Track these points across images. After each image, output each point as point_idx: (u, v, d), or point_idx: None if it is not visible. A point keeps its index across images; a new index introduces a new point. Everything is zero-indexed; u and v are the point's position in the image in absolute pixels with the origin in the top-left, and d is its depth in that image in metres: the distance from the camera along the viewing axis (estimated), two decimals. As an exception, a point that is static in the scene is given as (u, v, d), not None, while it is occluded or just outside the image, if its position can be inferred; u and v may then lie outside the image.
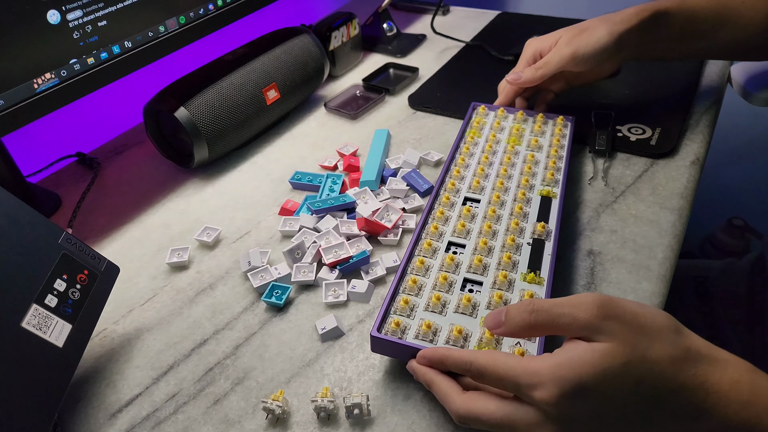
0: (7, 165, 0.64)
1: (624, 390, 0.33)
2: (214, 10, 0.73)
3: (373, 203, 0.60)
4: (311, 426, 0.42)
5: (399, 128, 0.76)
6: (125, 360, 0.49)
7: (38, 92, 0.56)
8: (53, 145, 0.79)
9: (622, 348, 0.33)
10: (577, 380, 0.32)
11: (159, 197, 0.68)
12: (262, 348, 0.48)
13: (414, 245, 0.50)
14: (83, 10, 0.57)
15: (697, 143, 0.67)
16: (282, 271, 0.54)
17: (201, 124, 0.65)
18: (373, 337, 0.42)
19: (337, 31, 0.86)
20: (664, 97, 0.74)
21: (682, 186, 0.61)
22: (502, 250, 0.50)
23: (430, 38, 1.00)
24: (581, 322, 0.34)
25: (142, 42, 0.64)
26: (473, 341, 0.42)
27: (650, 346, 0.33)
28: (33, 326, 0.39)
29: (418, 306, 0.45)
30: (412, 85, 0.85)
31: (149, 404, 0.45)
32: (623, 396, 0.33)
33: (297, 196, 0.66)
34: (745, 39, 0.63)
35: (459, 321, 0.44)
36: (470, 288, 0.47)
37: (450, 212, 0.54)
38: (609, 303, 0.34)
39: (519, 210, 0.53)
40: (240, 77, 0.70)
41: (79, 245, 0.45)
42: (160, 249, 0.60)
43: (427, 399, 0.43)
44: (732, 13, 0.62)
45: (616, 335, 0.33)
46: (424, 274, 0.48)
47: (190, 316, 0.52)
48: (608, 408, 0.33)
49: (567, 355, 0.33)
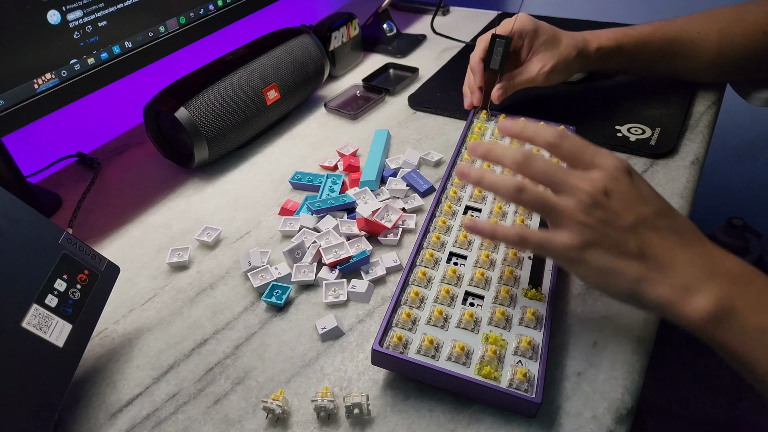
0: (7, 165, 0.64)
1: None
2: (214, 11, 0.73)
3: (373, 203, 0.60)
4: (311, 426, 0.42)
5: (399, 128, 0.76)
6: (125, 360, 0.49)
7: (39, 92, 0.56)
8: (53, 145, 0.79)
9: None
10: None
11: (159, 197, 0.68)
12: (262, 348, 0.49)
13: (415, 255, 0.50)
14: (83, 11, 0.57)
15: (696, 143, 0.67)
16: (282, 271, 0.54)
17: (201, 124, 0.65)
18: (374, 351, 0.42)
19: (337, 32, 0.86)
20: (664, 97, 0.74)
21: (681, 186, 0.61)
22: (504, 263, 0.50)
23: (430, 38, 1.00)
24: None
25: (142, 42, 0.65)
26: (476, 358, 0.42)
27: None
28: (33, 326, 0.39)
29: (419, 319, 0.45)
30: (412, 86, 0.85)
31: (149, 404, 0.45)
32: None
33: (297, 196, 0.66)
34: (697, 65, 0.71)
35: (461, 337, 0.44)
36: (471, 301, 0.47)
37: (451, 221, 0.54)
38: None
39: (521, 222, 0.53)
40: (240, 77, 0.70)
41: (79, 245, 0.45)
42: (161, 249, 0.60)
43: (427, 399, 0.43)
44: (687, 44, 0.69)
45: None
46: (426, 286, 0.48)
47: (191, 316, 0.52)
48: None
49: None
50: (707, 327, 0.38)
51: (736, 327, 0.37)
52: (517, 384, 0.40)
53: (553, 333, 0.47)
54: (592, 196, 0.39)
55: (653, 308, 0.40)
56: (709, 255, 0.40)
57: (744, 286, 0.39)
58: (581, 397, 0.42)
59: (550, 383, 0.43)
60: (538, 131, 0.43)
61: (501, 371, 0.41)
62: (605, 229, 0.39)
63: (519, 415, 0.41)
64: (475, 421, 0.41)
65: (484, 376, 0.41)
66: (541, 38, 0.67)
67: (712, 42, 0.68)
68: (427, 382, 0.43)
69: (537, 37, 0.67)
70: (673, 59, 0.70)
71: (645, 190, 0.42)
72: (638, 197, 0.40)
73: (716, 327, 0.38)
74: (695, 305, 0.38)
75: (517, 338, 0.43)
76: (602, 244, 0.39)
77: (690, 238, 0.41)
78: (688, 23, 0.70)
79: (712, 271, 0.39)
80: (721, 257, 0.40)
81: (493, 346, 0.43)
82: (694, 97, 0.75)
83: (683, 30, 0.69)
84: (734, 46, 0.68)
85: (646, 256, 0.39)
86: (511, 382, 0.40)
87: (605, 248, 0.39)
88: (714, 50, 0.69)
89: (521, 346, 0.43)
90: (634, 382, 0.43)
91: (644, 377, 0.44)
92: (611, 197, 0.40)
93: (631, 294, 0.40)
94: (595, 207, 0.39)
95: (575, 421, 0.41)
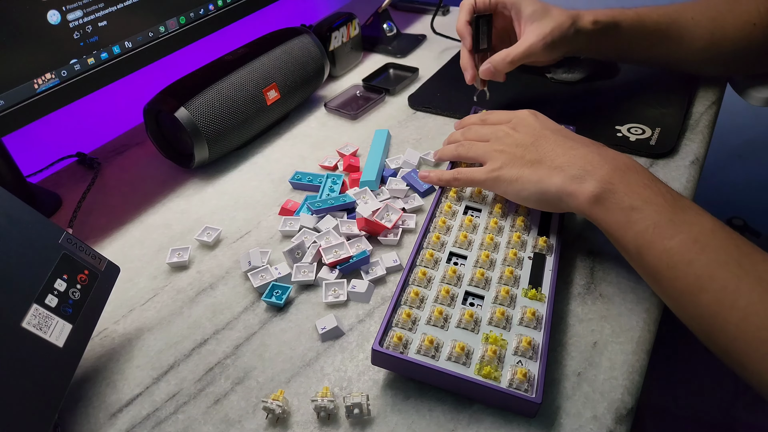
0: (7, 165, 0.64)
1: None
2: (214, 11, 0.73)
3: (373, 203, 0.60)
4: (311, 426, 0.42)
5: (399, 128, 0.76)
6: (126, 360, 0.49)
7: (38, 92, 0.56)
8: (53, 145, 0.79)
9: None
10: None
11: (159, 197, 0.68)
12: (262, 348, 0.49)
13: (416, 255, 0.50)
14: (83, 11, 0.57)
15: (696, 143, 0.67)
16: (282, 271, 0.54)
17: (201, 124, 0.65)
18: (374, 351, 0.42)
19: (337, 32, 0.86)
20: (664, 97, 0.74)
21: (681, 186, 0.61)
22: (504, 263, 0.50)
23: (430, 38, 1.00)
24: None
25: (142, 42, 0.65)
26: (476, 358, 0.42)
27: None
28: (33, 326, 0.39)
29: (419, 319, 0.45)
30: (412, 86, 0.85)
31: (149, 404, 0.45)
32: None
33: (297, 196, 0.66)
34: (689, 53, 0.71)
35: (461, 337, 0.44)
36: (471, 301, 0.47)
37: (451, 221, 0.54)
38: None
39: (521, 222, 0.53)
40: (240, 77, 0.70)
41: (79, 245, 0.45)
42: (161, 249, 0.60)
43: (426, 398, 0.43)
44: (680, 28, 0.69)
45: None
46: (426, 286, 0.48)
47: (191, 316, 0.52)
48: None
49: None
50: (592, 208, 0.46)
51: (610, 205, 0.45)
52: (517, 384, 0.40)
53: (553, 333, 0.47)
54: (504, 131, 0.54)
55: (556, 201, 0.48)
56: (599, 152, 0.48)
57: (623, 173, 0.46)
58: (581, 397, 0.42)
59: (550, 383, 0.43)
60: (470, 117, 0.62)
61: (501, 371, 0.41)
62: (513, 149, 0.52)
63: (519, 415, 0.41)
64: (475, 421, 0.41)
65: (484, 376, 0.41)
66: (527, 9, 0.66)
67: (705, 29, 0.68)
68: (427, 382, 0.43)
69: (522, 9, 0.66)
70: (666, 43, 0.70)
71: (546, 122, 0.55)
72: (539, 125, 0.54)
73: (597, 206, 0.46)
74: (584, 190, 0.46)
75: (517, 338, 0.43)
76: (512, 161, 0.51)
77: (584, 142, 0.50)
78: (682, 8, 0.70)
79: (600, 163, 0.47)
80: (611, 153, 0.48)
81: (493, 346, 0.43)
82: (694, 97, 0.75)
83: (677, 13, 0.69)
84: (725, 35, 0.68)
85: (545, 161, 0.49)
86: (511, 382, 0.40)
87: (513, 163, 0.51)
88: (706, 38, 0.69)
89: (521, 346, 0.43)
90: (634, 382, 0.43)
91: (644, 377, 0.44)
92: (517, 130, 0.54)
93: (539, 194, 0.49)
94: (505, 138, 0.54)
95: (575, 421, 0.41)
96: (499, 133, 0.54)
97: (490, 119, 0.59)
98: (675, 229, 0.42)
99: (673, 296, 0.43)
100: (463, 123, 0.63)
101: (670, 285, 0.43)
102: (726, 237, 0.42)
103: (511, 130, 0.54)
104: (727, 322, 0.39)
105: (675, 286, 0.42)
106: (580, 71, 0.78)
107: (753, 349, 0.38)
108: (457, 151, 0.57)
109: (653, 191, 0.44)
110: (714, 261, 0.40)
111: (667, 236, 0.42)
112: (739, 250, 0.41)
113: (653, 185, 0.45)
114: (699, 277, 0.40)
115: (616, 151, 0.49)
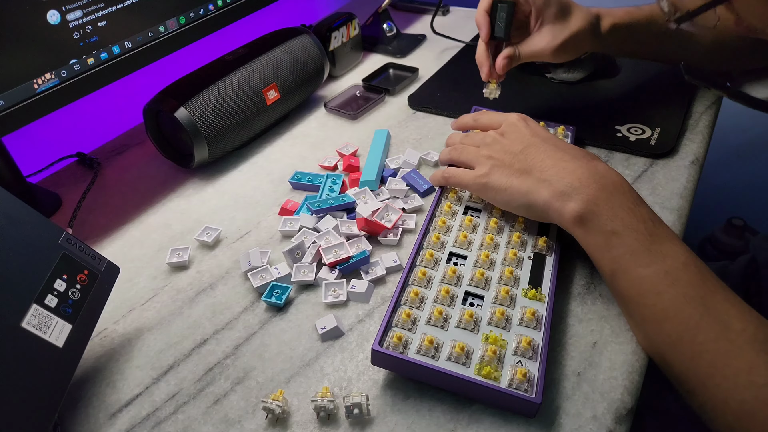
0: (7, 165, 0.64)
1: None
2: (214, 11, 0.73)
3: (373, 203, 0.60)
4: (311, 426, 0.42)
5: (399, 128, 0.76)
6: (125, 360, 0.49)
7: (38, 92, 0.56)
8: (53, 145, 0.79)
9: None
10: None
11: (159, 197, 0.68)
12: (262, 348, 0.49)
13: (415, 255, 0.50)
14: (83, 11, 0.57)
15: (696, 143, 0.67)
16: (282, 271, 0.54)
17: (201, 124, 0.65)
18: (374, 351, 0.42)
19: (337, 32, 0.86)
20: (664, 97, 0.74)
21: (681, 186, 0.61)
22: (504, 263, 0.50)
23: (430, 38, 1.00)
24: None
25: (142, 42, 0.65)
26: (475, 358, 0.42)
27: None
28: (33, 326, 0.39)
29: (419, 319, 0.45)
30: (412, 86, 0.85)
31: (149, 404, 0.45)
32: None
33: (297, 196, 0.66)
34: (699, 48, 0.70)
35: (461, 337, 0.44)
36: (471, 302, 0.47)
37: (451, 221, 0.54)
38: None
39: (521, 223, 0.53)
40: (240, 77, 0.70)
41: (79, 245, 0.45)
42: (161, 249, 0.60)
43: (426, 398, 0.43)
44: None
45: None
46: (426, 286, 0.48)
47: (191, 316, 0.52)
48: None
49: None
50: (574, 227, 0.46)
51: (592, 227, 0.46)
52: (517, 384, 0.40)
53: (553, 333, 0.47)
54: (492, 137, 0.54)
55: (543, 213, 0.48)
56: (588, 167, 0.48)
57: (610, 193, 0.46)
58: (581, 397, 0.42)
59: (550, 383, 0.43)
60: (464, 117, 0.63)
61: (501, 371, 0.41)
62: (501, 156, 0.52)
63: (519, 415, 0.41)
64: (475, 421, 0.41)
65: (484, 376, 0.41)
66: (551, 8, 0.63)
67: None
68: (427, 382, 0.43)
69: (546, 6, 0.63)
70: (678, 38, 0.68)
71: (536, 129, 0.54)
72: (529, 133, 0.53)
73: (580, 226, 0.46)
74: (569, 209, 0.46)
75: (517, 338, 0.43)
76: (500, 169, 0.51)
77: (574, 154, 0.49)
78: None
79: (588, 181, 0.46)
80: (601, 169, 0.48)
81: (493, 346, 0.43)
82: (694, 97, 0.75)
83: None
84: (730, 30, 0.68)
85: (533, 172, 0.49)
86: (511, 382, 0.40)
87: (501, 171, 0.51)
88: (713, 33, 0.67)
89: (521, 346, 0.43)
90: (633, 382, 0.43)
91: (644, 377, 0.44)
92: (506, 136, 0.54)
93: (526, 204, 0.49)
94: (494, 144, 0.54)
95: (575, 421, 0.41)
96: (488, 139, 0.55)
97: (482, 120, 0.60)
98: (650, 258, 0.43)
99: (638, 320, 0.45)
100: (458, 122, 0.64)
101: (637, 310, 0.45)
102: (696, 272, 0.43)
103: (499, 136, 0.54)
104: (683, 354, 0.41)
105: (642, 312, 0.44)
106: (580, 71, 0.78)
107: (700, 383, 0.40)
108: (450, 155, 0.58)
109: (635, 217, 0.45)
110: (682, 295, 0.42)
111: (642, 264, 0.43)
112: (705, 287, 0.42)
113: (637, 209, 0.45)
114: (665, 309, 0.42)
115: (606, 166, 0.48)
